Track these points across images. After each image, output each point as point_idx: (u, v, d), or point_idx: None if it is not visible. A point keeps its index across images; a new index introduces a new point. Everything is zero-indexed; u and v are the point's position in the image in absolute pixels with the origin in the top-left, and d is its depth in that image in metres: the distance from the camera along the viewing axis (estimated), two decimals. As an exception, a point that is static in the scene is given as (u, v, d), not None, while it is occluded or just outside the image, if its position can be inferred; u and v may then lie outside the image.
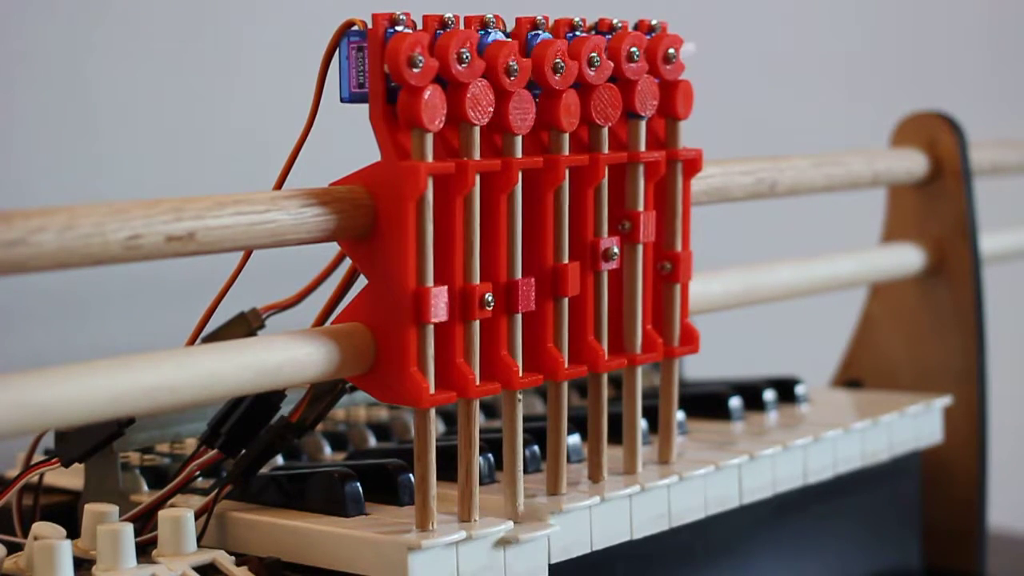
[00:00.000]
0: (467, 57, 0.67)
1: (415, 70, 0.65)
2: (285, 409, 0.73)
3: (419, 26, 0.68)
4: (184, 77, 1.05)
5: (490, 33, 0.69)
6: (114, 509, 0.69)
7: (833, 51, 1.51)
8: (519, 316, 0.71)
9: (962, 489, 1.02)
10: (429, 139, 0.66)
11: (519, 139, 0.69)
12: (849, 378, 1.07)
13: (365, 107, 0.67)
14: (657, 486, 0.77)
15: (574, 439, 0.80)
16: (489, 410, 0.93)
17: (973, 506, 1.01)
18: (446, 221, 0.67)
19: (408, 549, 0.66)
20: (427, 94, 0.65)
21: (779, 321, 1.30)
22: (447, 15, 0.68)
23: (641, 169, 0.76)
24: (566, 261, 0.72)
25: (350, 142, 0.78)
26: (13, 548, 0.70)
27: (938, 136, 1.02)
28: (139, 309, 1.03)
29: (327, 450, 0.86)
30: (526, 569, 0.70)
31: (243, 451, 0.73)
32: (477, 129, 0.68)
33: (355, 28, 0.67)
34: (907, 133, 1.03)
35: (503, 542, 0.69)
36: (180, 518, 0.68)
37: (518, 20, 0.71)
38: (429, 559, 0.66)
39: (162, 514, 0.68)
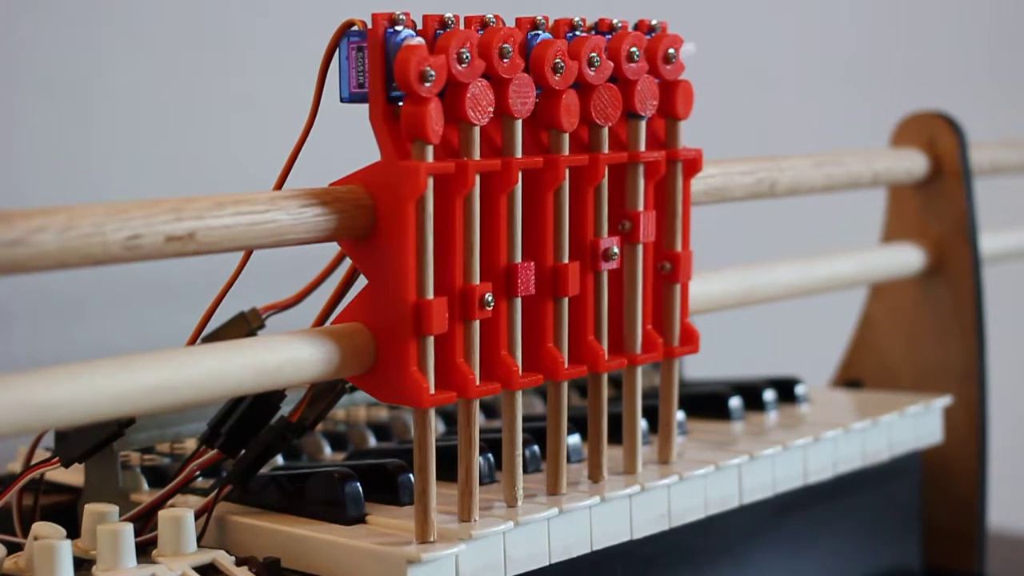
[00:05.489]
0: (467, 57, 0.67)
1: (427, 84, 0.65)
2: (285, 409, 0.73)
3: (419, 26, 0.68)
4: (184, 77, 1.05)
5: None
6: (114, 509, 0.69)
7: (833, 51, 1.51)
8: (519, 315, 0.71)
9: (962, 489, 1.02)
10: (429, 139, 0.66)
11: (519, 123, 0.69)
12: (849, 378, 1.07)
13: (365, 107, 0.67)
14: (657, 486, 0.77)
15: (574, 439, 0.80)
16: (489, 410, 0.93)
17: (973, 506, 1.01)
18: (446, 221, 0.67)
19: (408, 562, 0.66)
20: (431, 107, 0.65)
21: (779, 321, 1.30)
22: (447, 15, 0.68)
23: (641, 169, 0.76)
24: (566, 261, 0.72)
25: (350, 142, 0.78)
26: (13, 548, 0.70)
27: (938, 136, 1.02)
28: (139, 309, 1.03)
29: (327, 450, 0.86)
30: (526, 569, 0.70)
31: (243, 451, 0.73)
32: (477, 129, 0.68)
33: (355, 28, 0.67)
34: (907, 133, 1.03)
35: (503, 542, 0.69)
36: (180, 518, 0.68)
37: (518, 20, 0.71)
38: (429, 559, 0.66)
39: (162, 514, 0.68)
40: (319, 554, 0.69)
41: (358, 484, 0.72)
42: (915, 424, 0.95)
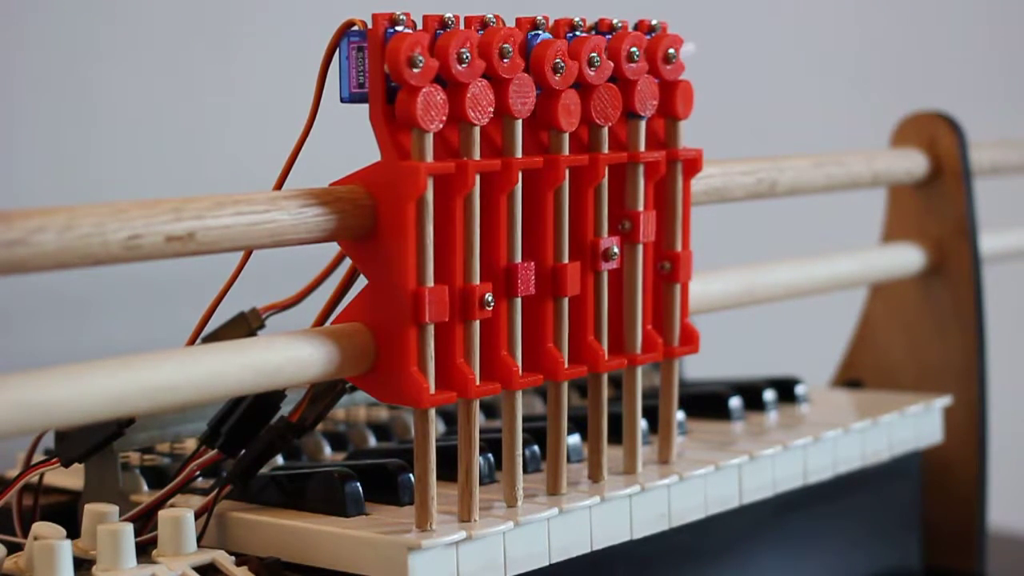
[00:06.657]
0: (467, 57, 0.67)
1: (415, 70, 0.65)
2: (285, 409, 0.73)
3: (419, 26, 0.68)
4: (184, 77, 1.06)
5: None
6: (114, 509, 0.69)
7: (833, 51, 1.51)
8: (519, 315, 0.71)
9: (962, 489, 1.02)
10: (429, 139, 0.66)
11: (519, 123, 0.69)
12: (849, 378, 1.07)
13: (365, 107, 0.68)
14: (657, 486, 0.77)
15: (574, 439, 0.80)
16: (489, 410, 0.93)
17: (973, 506, 1.01)
18: (446, 221, 0.67)
19: (408, 549, 0.66)
20: (425, 94, 0.65)
21: (779, 321, 1.30)
22: (447, 15, 0.68)
23: (641, 169, 0.76)
24: (566, 261, 0.72)
25: (350, 142, 0.78)
26: (13, 548, 0.70)
27: (938, 136, 1.02)
28: (139, 309, 1.03)
29: (327, 450, 0.86)
30: (526, 569, 0.70)
31: (243, 451, 0.73)
32: (477, 129, 0.68)
33: (355, 28, 0.67)
34: (907, 133, 1.03)
35: (503, 542, 0.69)
36: (180, 518, 0.68)
37: (518, 20, 0.71)
38: (429, 559, 0.66)
39: (162, 514, 0.68)
40: (319, 546, 0.69)
41: (358, 484, 0.72)
42: (915, 424, 0.95)
